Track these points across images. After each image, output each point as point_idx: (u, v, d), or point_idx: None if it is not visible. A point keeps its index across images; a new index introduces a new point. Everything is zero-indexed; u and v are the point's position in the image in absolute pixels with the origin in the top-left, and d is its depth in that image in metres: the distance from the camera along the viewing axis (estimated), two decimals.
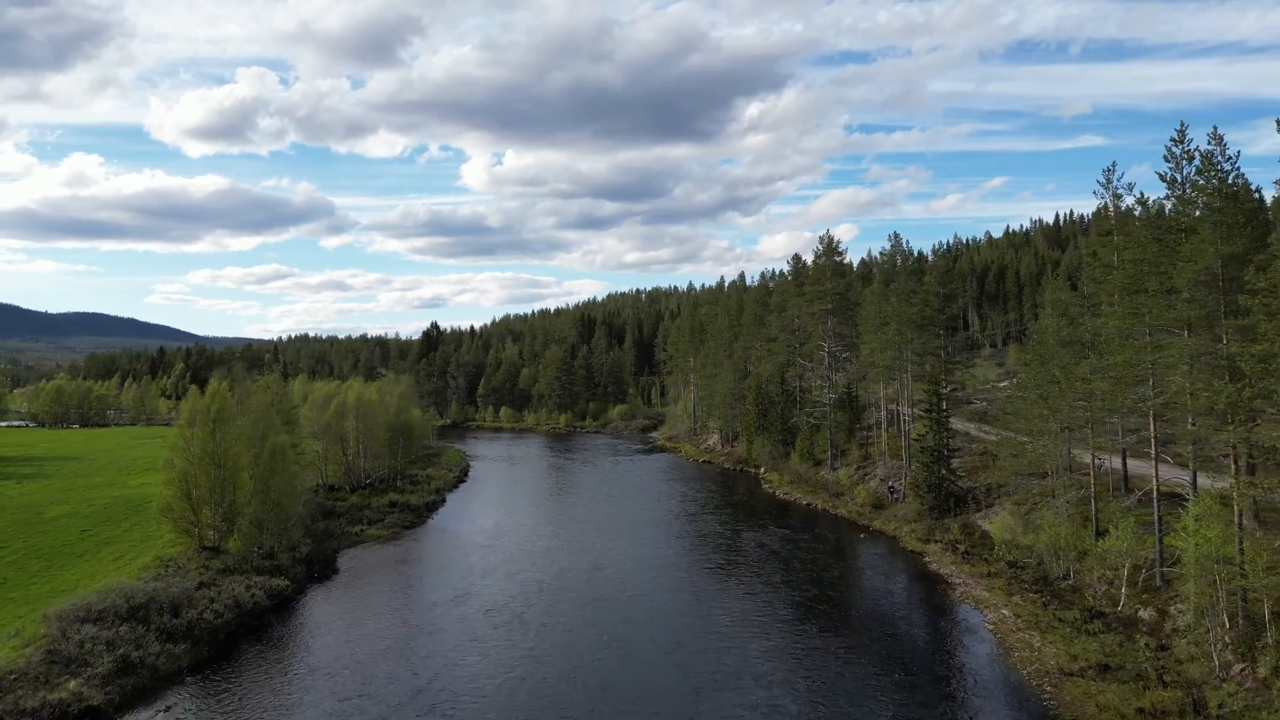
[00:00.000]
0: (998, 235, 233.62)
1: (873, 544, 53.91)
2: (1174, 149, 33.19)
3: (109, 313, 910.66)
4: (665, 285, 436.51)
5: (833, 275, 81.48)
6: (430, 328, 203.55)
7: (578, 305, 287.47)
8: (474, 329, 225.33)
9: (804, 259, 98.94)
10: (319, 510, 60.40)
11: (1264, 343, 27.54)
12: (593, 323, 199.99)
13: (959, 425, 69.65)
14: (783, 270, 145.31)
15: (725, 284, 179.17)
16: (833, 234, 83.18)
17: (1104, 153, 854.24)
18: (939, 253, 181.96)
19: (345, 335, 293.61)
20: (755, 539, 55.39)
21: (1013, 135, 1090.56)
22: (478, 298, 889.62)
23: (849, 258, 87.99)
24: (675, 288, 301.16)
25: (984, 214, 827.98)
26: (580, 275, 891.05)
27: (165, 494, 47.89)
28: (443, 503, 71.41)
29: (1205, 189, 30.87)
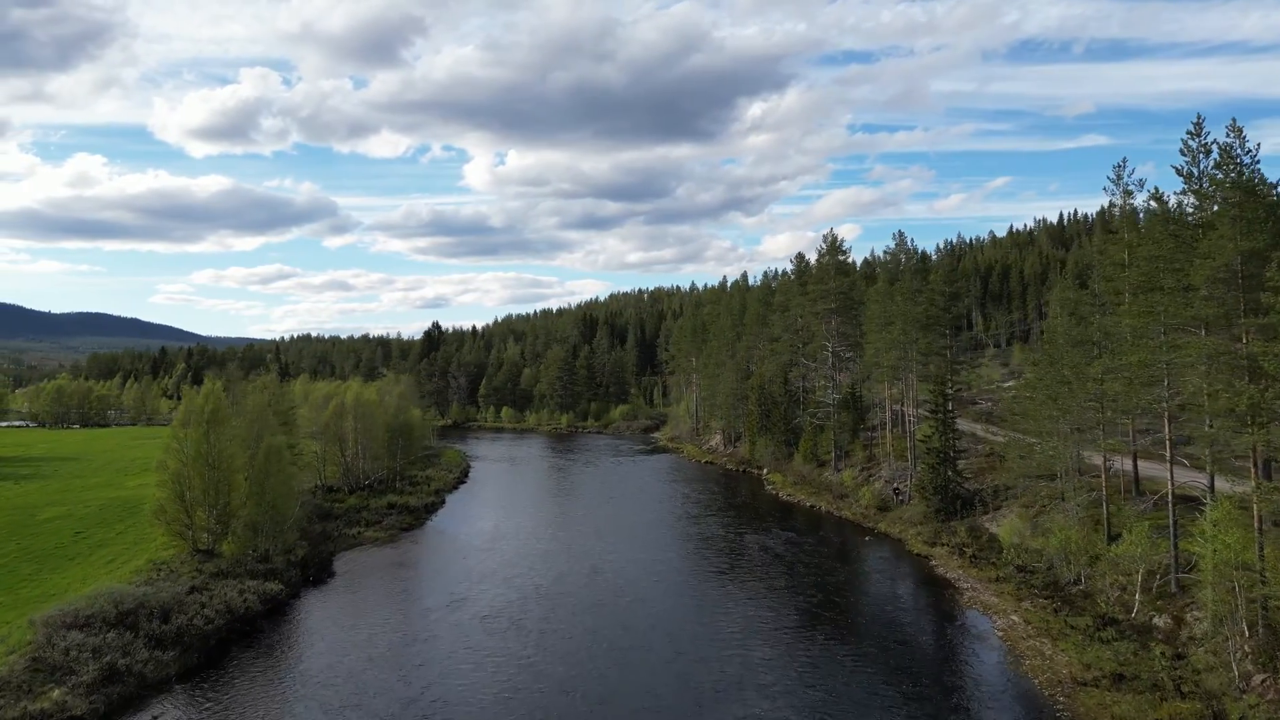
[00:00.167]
0: (1001, 235, 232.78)
1: (878, 547, 52.97)
2: (1190, 142, 32.18)
3: (112, 313, 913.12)
4: (668, 285, 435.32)
5: (836, 274, 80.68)
6: (432, 327, 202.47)
7: (580, 305, 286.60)
8: (476, 329, 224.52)
9: (807, 258, 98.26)
10: (316, 512, 59.64)
11: None
12: (595, 322, 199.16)
13: (964, 426, 68.70)
14: (786, 270, 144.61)
15: (728, 284, 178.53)
16: (836, 233, 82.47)
17: (1107, 152, 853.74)
18: (943, 252, 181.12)
19: (348, 335, 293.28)
20: (758, 542, 54.47)
21: (1016, 135, 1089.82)
22: (480, 298, 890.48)
23: (852, 257, 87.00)
24: (678, 288, 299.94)
25: (987, 214, 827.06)
26: (583, 275, 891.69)
27: (158, 496, 47.15)
28: (442, 504, 70.58)
29: (1224, 183, 29.90)
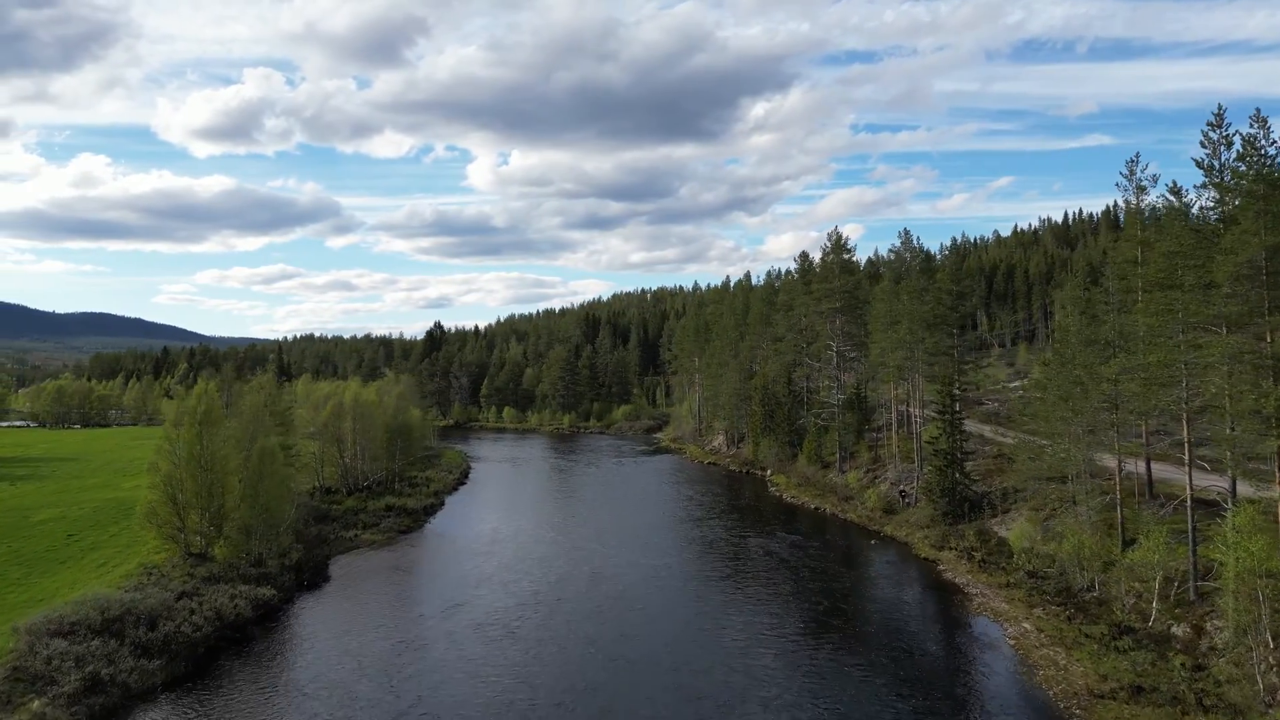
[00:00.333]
0: (1005, 234, 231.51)
1: (884, 551, 51.88)
2: (1211, 134, 30.98)
3: (116, 313, 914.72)
4: (671, 285, 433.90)
5: (841, 273, 79.62)
6: (434, 327, 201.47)
7: (583, 305, 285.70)
8: (478, 329, 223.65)
9: (811, 257, 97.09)
10: (313, 514, 58.72)
11: None
12: (597, 322, 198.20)
13: (972, 427, 67.59)
14: (789, 269, 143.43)
15: (731, 283, 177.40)
16: (841, 231, 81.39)
17: (1111, 152, 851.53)
18: (947, 251, 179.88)
19: (350, 335, 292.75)
20: (762, 545, 53.39)
21: (1019, 135, 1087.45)
22: (483, 298, 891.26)
23: (857, 256, 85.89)
24: (681, 287, 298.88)
25: (990, 213, 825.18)
26: (586, 275, 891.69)
27: (149, 498, 46.22)
28: (441, 506, 69.60)
29: (1247, 175, 28.75)
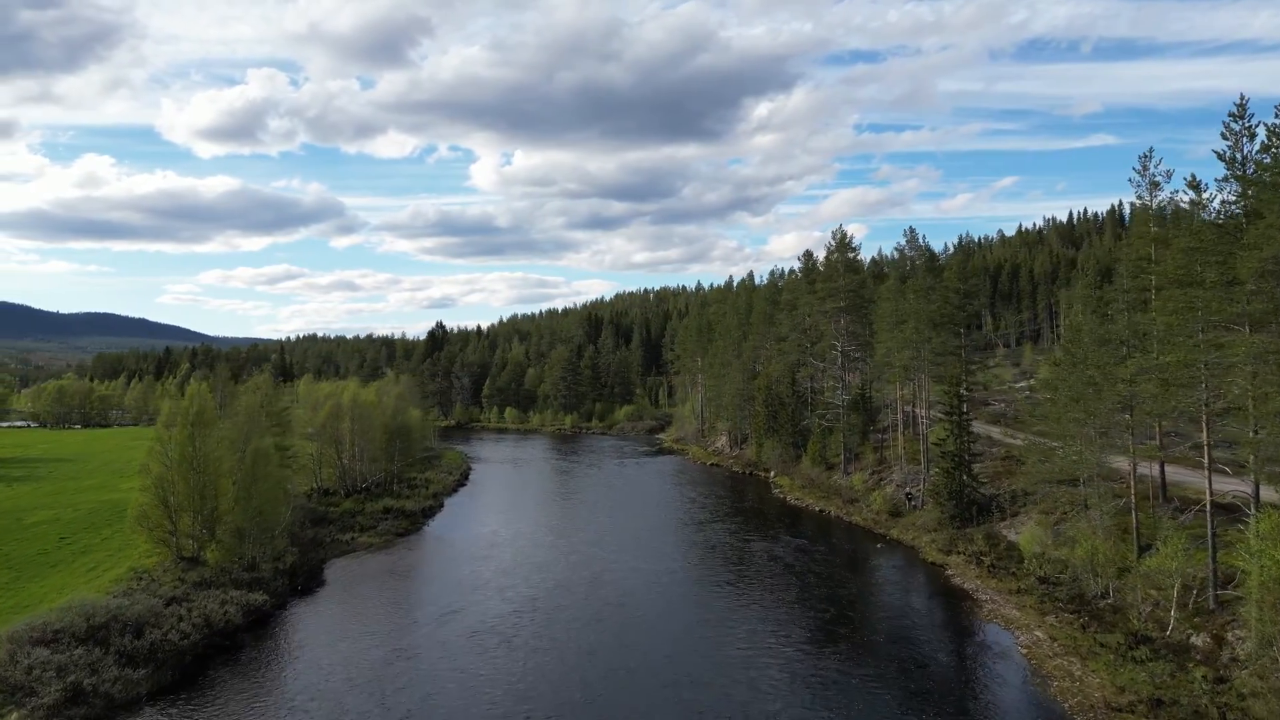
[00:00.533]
0: (1009, 234, 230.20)
1: (890, 555, 50.79)
2: (1233, 125, 29.87)
3: (120, 313, 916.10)
4: (674, 285, 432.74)
5: (846, 271, 78.54)
6: (436, 327, 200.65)
7: (585, 305, 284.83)
8: (481, 329, 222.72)
9: (816, 255, 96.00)
10: (309, 517, 57.79)
11: None
12: (600, 322, 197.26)
13: (979, 428, 66.40)
14: (793, 269, 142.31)
15: (734, 283, 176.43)
16: (845, 230, 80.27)
17: (1116, 152, 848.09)
18: (951, 250, 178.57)
19: (354, 335, 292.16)
20: (766, 550, 52.33)
21: (1023, 134, 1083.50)
22: (486, 298, 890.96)
23: (861, 255, 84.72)
24: (683, 287, 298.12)
25: (994, 213, 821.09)
26: (589, 275, 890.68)
27: (140, 501, 45.23)
28: (440, 508, 68.62)
29: (1272, 167, 27.65)
